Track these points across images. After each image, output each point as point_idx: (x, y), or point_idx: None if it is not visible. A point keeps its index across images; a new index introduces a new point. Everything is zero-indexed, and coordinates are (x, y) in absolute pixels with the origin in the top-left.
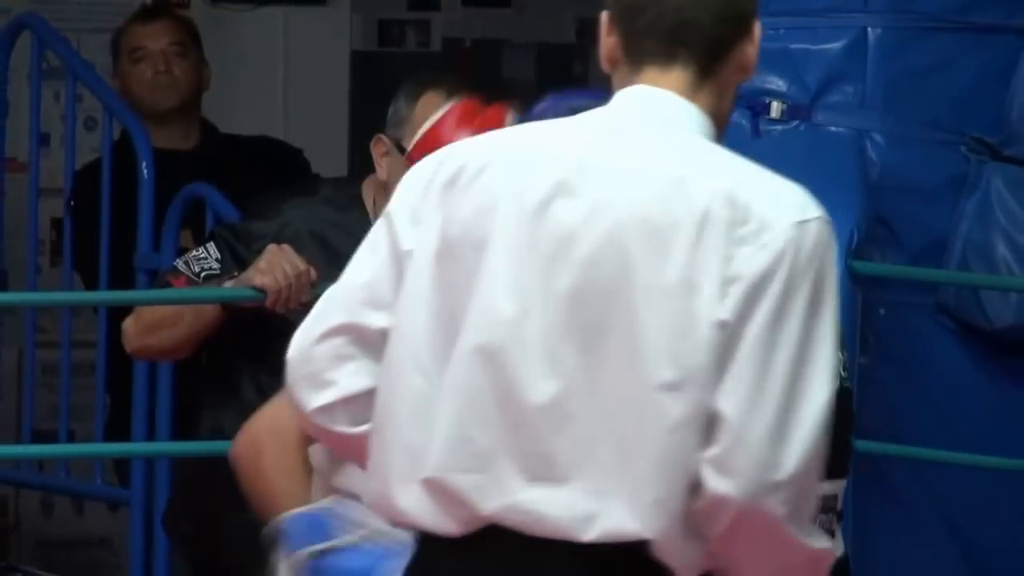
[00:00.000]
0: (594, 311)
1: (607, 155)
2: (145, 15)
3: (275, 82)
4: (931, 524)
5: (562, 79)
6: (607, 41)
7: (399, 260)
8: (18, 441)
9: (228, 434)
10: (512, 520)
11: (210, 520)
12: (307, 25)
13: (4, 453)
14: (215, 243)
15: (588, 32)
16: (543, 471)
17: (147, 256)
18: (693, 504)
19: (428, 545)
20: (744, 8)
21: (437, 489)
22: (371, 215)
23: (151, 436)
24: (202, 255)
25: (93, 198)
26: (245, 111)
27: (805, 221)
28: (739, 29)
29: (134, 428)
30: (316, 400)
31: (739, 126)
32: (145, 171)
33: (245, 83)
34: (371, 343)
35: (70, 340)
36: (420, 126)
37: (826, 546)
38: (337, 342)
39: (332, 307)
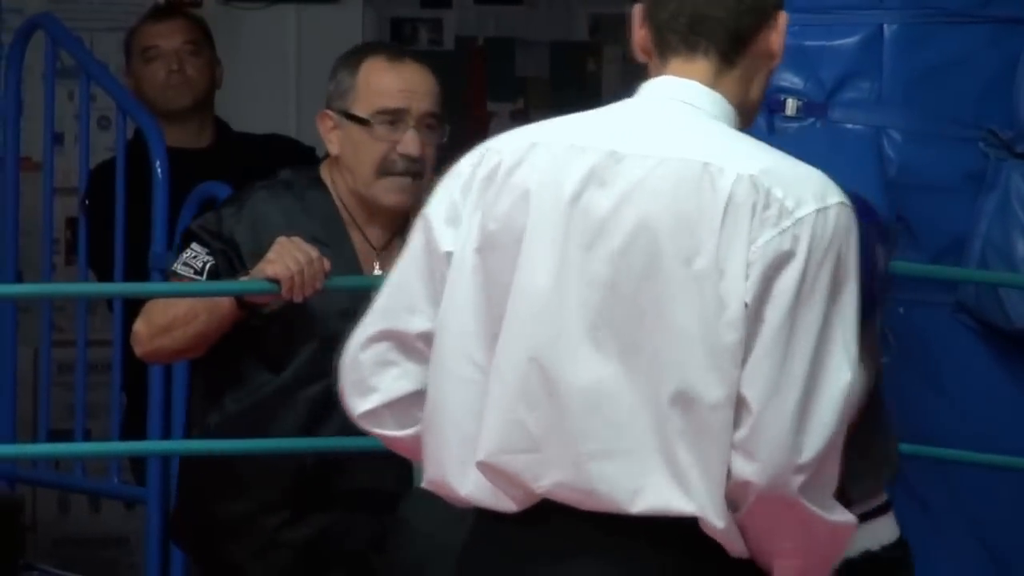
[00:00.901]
0: (629, 297)
1: (635, 144)
2: (158, 14)
3: (287, 81)
4: (952, 524)
5: (576, 77)
6: (639, 33)
7: (435, 262)
8: (34, 440)
9: (235, 436)
10: (565, 496)
11: (219, 528)
12: (319, 23)
13: (20, 452)
14: (195, 239)
15: (601, 29)
16: (591, 448)
17: (161, 255)
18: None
19: (488, 520)
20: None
21: (491, 471)
22: (332, 194)
23: (167, 434)
24: (192, 254)
25: (107, 197)
26: (258, 109)
27: (825, 208)
28: (760, 18)
29: (150, 426)
30: (361, 405)
31: (754, 124)
32: (159, 170)
33: (258, 82)
34: (412, 347)
35: (86, 338)
36: (366, 91)
37: (846, 519)
38: (380, 348)
39: (374, 313)
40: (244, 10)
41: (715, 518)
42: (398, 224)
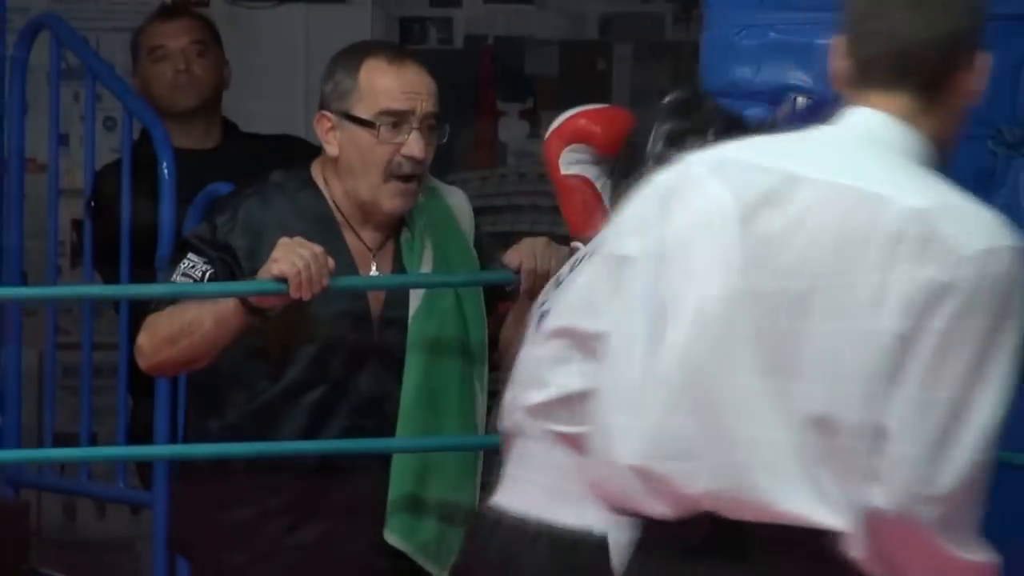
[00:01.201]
0: (787, 318)
1: (816, 170)
2: (165, 14)
3: (296, 80)
4: None
5: (585, 76)
6: (840, 63)
7: (616, 266)
8: (40, 444)
9: (237, 441)
10: (715, 503)
11: (221, 534)
12: (328, 22)
13: (26, 456)
14: (192, 250)
15: (611, 29)
16: (742, 459)
17: (167, 257)
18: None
19: (647, 525)
20: (965, 41)
21: (643, 475)
22: (325, 195)
23: (174, 438)
24: (190, 264)
25: (113, 198)
26: (266, 109)
27: (993, 249)
28: (962, 59)
29: (156, 431)
30: (533, 398)
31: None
32: (166, 171)
33: (266, 81)
34: (588, 346)
35: (91, 342)
36: (368, 92)
37: (984, 559)
38: (558, 344)
39: (558, 311)
40: (252, 9)
41: (855, 540)
42: (393, 226)
